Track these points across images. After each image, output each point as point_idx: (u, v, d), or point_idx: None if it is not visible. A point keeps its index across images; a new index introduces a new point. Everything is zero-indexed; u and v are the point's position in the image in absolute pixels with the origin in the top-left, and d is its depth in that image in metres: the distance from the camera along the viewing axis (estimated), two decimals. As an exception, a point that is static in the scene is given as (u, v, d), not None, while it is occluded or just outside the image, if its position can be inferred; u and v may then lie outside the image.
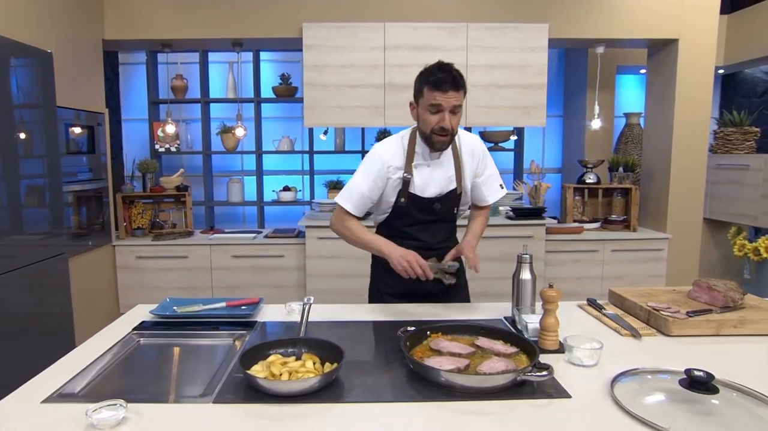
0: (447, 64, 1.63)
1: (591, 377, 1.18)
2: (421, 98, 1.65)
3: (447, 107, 1.60)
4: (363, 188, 1.71)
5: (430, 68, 1.63)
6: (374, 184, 1.71)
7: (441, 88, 1.59)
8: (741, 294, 1.54)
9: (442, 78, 1.58)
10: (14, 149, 2.39)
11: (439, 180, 1.74)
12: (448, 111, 1.60)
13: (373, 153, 1.74)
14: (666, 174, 3.73)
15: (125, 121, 4.63)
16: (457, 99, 1.61)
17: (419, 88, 1.66)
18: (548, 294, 1.32)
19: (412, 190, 1.73)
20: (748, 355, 1.33)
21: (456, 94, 1.60)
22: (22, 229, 2.47)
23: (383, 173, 1.71)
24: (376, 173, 1.71)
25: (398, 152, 1.73)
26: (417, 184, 1.72)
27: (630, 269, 3.67)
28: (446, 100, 1.59)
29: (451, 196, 1.76)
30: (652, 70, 3.92)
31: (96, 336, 1.46)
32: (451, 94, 1.60)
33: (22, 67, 2.45)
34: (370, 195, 1.72)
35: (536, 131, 4.92)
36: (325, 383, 1.13)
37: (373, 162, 1.72)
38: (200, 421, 1.01)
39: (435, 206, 1.74)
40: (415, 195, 1.73)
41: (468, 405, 1.06)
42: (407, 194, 1.72)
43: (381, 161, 1.71)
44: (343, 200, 1.73)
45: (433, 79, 1.60)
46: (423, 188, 1.73)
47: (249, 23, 3.40)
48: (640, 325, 1.51)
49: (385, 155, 1.72)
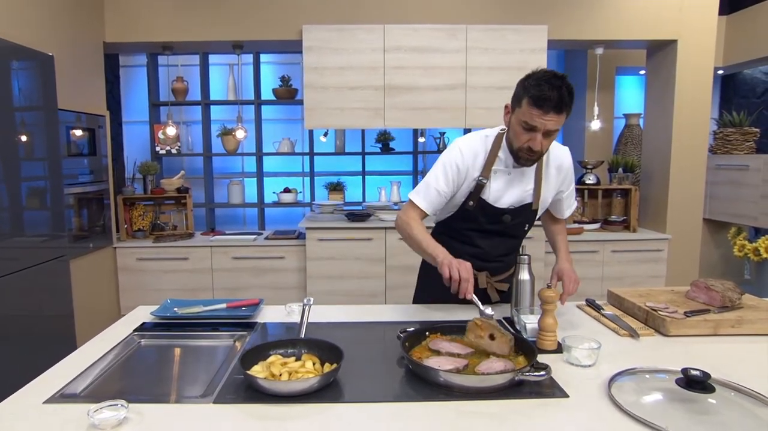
0: (560, 77, 1.41)
1: (589, 377, 1.19)
2: (518, 108, 1.46)
3: (541, 129, 1.43)
4: (440, 184, 1.60)
5: (539, 77, 1.42)
6: (452, 182, 1.61)
7: (542, 107, 1.39)
8: (739, 294, 1.54)
9: (548, 97, 1.38)
10: (15, 151, 2.41)
11: (516, 191, 1.62)
12: (542, 133, 1.44)
13: (453, 149, 1.62)
14: (665, 175, 3.74)
15: (126, 123, 4.65)
16: (557, 123, 1.43)
17: (519, 95, 1.46)
18: (546, 295, 1.33)
19: (484, 196, 1.62)
20: (745, 354, 1.33)
21: (557, 118, 1.42)
22: (24, 231, 2.48)
23: (462, 171, 1.60)
24: (455, 170, 1.60)
25: (480, 153, 1.61)
26: (492, 190, 1.61)
27: (630, 270, 3.67)
28: (543, 122, 1.41)
29: (524, 210, 1.64)
30: (652, 71, 3.93)
31: (97, 338, 1.47)
32: (550, 117, 1.41)
33: (23, 70, 2.46)
34: (447, 193, 1.62)
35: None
36: (324, 383, 1.13)
37: (452, 159, 1.60)
38: (201, 421, 1.02)
39: (504, 217, 1.64)
40: (486, 202, 1.62)
41: (466, 405, 1.07)
42: (478, 199, 1.62)
43: (462, 158, 1.60)
44: (417, 196, 1.63)
45: (536, 94, 1.40)
46: (497, 196, 1.62)
47: (249, 25, 3.42)
48: (639, 325, 1.51)
49: (467, 153, 1.60)
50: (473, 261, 1.68)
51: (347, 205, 4.24)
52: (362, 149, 4.58)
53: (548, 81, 1.40)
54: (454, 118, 3.48)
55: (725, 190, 4.44)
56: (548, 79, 1.40)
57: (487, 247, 1.70)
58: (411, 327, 1.38)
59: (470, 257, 1.67)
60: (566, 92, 1.40)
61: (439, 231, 1.79)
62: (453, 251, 1.72)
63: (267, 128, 4.54)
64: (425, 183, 1.63)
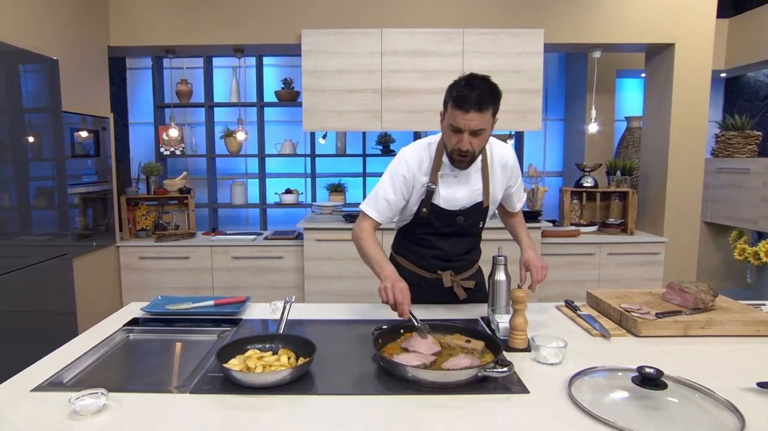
0: (480, 78, 1.45)
1: (553, 374, 1.23)
2: (446, 113, 1.51)
3: (466, 129, 1.46)
4: (389, 194, 1.65)
5: (460, 79, 1.47)
6: (400, 191, 1.65)
7: (462, 107, 1.43)
8: (712, 296, 1.57)
9: (466, 96, 1.41)
10: (21, 152, 2.50)
11: (464, 192, 1.66)
12: (468, 133, 1.47)
13: (399, 160, 1.66)
14: (663, 177, 3.74)
15: (132, 124, 4.76)
16: (481, 122, 1.45)
17: (445, 99, 1.51)
18: (516, 295, 1.37)
19: (435, 201, 1.66)
20: (709, 355, 1.36)
21: (479, 116, 1.43)
22: (28, 230, 2.57)
23: (409, 180, 1.64)
24: (402, 180, 1.64)
25: (424, 160, 1.64)
26: (442, 195, 1.65)
27: (626, 273, 3.68)
28: (466, 123, 1.45)
29: (476, 209, 1.69)
30: (650, 74, 3.93)
31: (89, 331, 1.54)
32: (472, 116, 1.43)
33: (29, 74, 2.56)
34: (396, 202, 1.66)
35: (537, 135, 4.95)
36: (296, 375, 1.19)
37: (398, 169, 1.64)
38: (176, 409, 1.08)
39: (458, 218, 1.68)
40: (438, 207, 1.66)
41: (430, 399, 1.12)
42: (430, 205, 1.66)
43: (407, 167, 1.63)
44: (368, 207, 1.67)
45: (456, 95, 1.44)
46: (447, 200, 1.66)
47: (249, 30, 3.49)
48: (613, 326, 1.55)
49: (411, 161, 1.64)
50: (437, 262, 1.74)
51: (347, 206, 4.30)
52: (363, 151, 4.64)
53: (468, 82, 1.44)
54: (451, 121, 3.51)
55: (726, 193, 4.43)
56: (468, 80, 1.45)
57: (446, 248, 1.75)
58: (386, 326, 1.43)
59: (433, 258, 1.74)
60: (486, 91, 1.43)
61: (401, 237, 1.85)
62: (416, 254, 1.78)
63: (270, 130, 4.62)
64: (375, 194, 1.67)
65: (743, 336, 1.47)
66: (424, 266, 1.78)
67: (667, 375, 1.09)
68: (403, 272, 1.81)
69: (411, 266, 1.80)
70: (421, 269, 1.78)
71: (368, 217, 1.67)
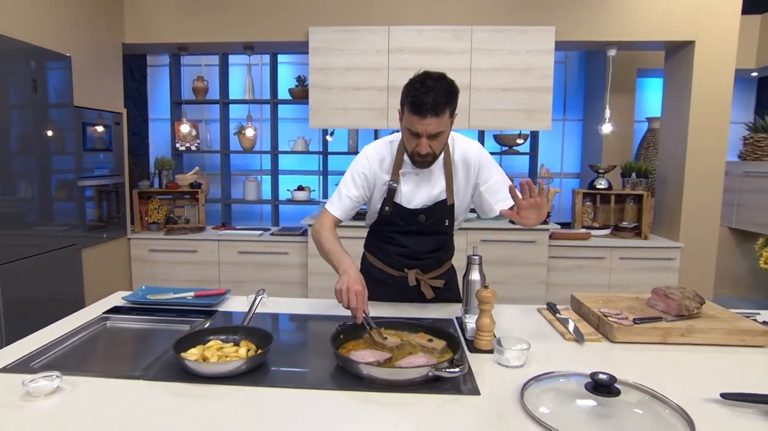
0: (434, 77, 1.41)
1: (511, 378, 1.19)
2: (403, 115, 1.49)
3: (424, 135, 1.44)
4: (351, 192, 1.64)
5: (414, 81, 1.43)
6: (361, 188, 1.64)
7: (419, 112, 1.40)
8: (698, 303, 1.50)
9: (422, 102, 1.38)
10: (31, 146, 2.61)
11: (426, 191, 1.64)
12: (426, 137, 1.45)
13: (360, 157, 1.67)
14: (680, 181, 3.60)
15: (152, 120, 4.89)
16: (438, 125, 1.42)
17: (402, 101, 1.48)
18: (482, 295, 1.34)
19: (397, 199, 1.64)
20: (683, 363, 1.30)
21: (436, 121, 1.41)
22: (39, 220, 2.68)
23: (370, 177, 1.64)
24: (363, 177, 1.64)
25: (386, 157, 1.64)
26: (403, 193, 1.64)
27: (638, 278, 3.56)
28: (423, 128, 1.42)
29: (439, 208, 1.65)
30: (669, 73, 3.79)
31: (69, 317, 1.59)
32: (429, 121, 1.40)
33: (41, 70, 2.66)
34: (358, 198, 1.66)
35: (555, 135, 4.84)
36: (250, 367, 1.19)
37: (359, 167, 1.65)
38: (127, 395, 1.10)
39: (419, 217, 1.65)
40: (400, 205, 1.65)
41: (382, 396, 1.10)
42: (392, 203, 1.65)
43: (368, 164, 1.64)
44: (330, 204, 1.67)
45: (411, 100, 1.41)
46: (409, 198, 1.64)
47: (259, 27, 3.54)
48: (591, 331, 1.50)
49: (372, 159, 1.64)
50: (403, 260, 1.72)
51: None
52: (374, 149, 4.62)
53: (423, 84, 1.39)
54: (458, 119, 3.44)
55: (754, 198, 4.23)
56: (423, 81, 1.40)
57: (412, 245, 1.72)
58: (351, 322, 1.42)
59: (399, 256, 1.72)
60: (442, 93, 1.38)
61: (370, 235, 1.84)
62: (383, 252, 1.77)
63: (284, 127, 4.67)
64: (338, 192, 1.67)
65: (726, 346, 1.39)
66: (391, 263, 1.76)
67: (624, 381, 1.05)
68: (373, 270, 1.80)
69: (379, 264, 1.79)
70: (389, 266, 1.77)
71: (329, 213, 1.66)
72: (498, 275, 3.48)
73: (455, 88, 1.45)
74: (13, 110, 2.49)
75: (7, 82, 2.44)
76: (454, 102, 1.45)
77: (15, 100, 2.49)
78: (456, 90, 1.46)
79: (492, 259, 3.47)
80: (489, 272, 3.41)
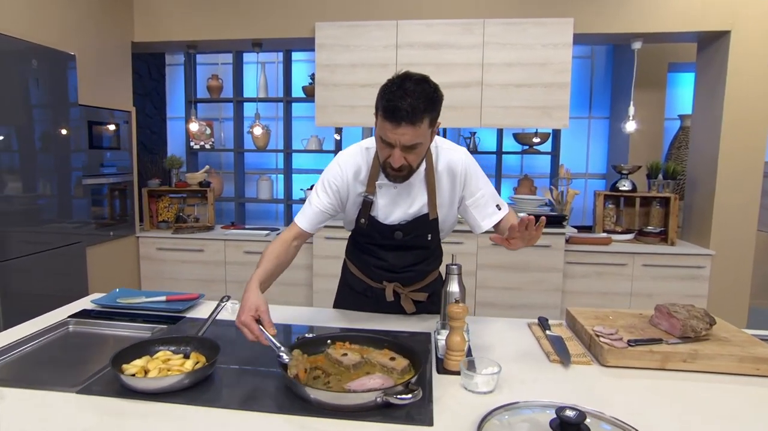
0: (415, 80, 1.25)
1: (476, 405, 1.06)
2: (377, 120, 1.31)
3: (397, 145, 1.28)
4: (322, 202, 1.48)
5: (392, 83, 1.26)
6: (333, 198, 1.48)
7: (392, 119, 1.24)
8: (706, 324, 1.31)
9: (397, 107, 1.22)
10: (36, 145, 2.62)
11: (405, 205, 1.48)
12: (399, 148, 1.28)
13: (333, 165, 1.50)
14: (712, 182, 3.32)
15: (170, 119, 4.92)
16: (415, 136, 1.25)
17: (376, 105, 1.30)
18: (452, 310, 1.21)
19: (373, 213, 1.50)
20: (681, 395, 1.13)
21: (412, 130, 1.24)
22: (43, 217, 2.70)
23: (342, 189, 1.48)
24: (335, 189, 1.48)
25: (362, 167, 1.47)
26: (379, 207, 1.48)
27: (664, 287, 3.31)
28: (396, 137, 1.26)
29: (420, 222, 1.49)
30: (701, 66, 3.51)
31: (34, 320, 1.55)
32: (404, 130, 1.24)
33: (44, 69, 2.66)
34: (330, 208, 1.49)
35: (581, 134, 4.60)
36: (194, 381, 1.11)
37: (330, 176, 1.48)
38: (54, 408, 1.03)
39: (396, 233, 1.50)
40: (376, 220, 1.50)
41: (325, 423, 0.99)
42: (368, 216, 1.50)
43: (341, 174, 1.47)
44: (299, 216, 1.50)
45: (385, 104, 1.24)
46: (386, 213, 1.49)
47: (266, 24, 3.48)
48: (581, 352, 1.34)
49: (346, 168, 1.47)
50: (382, 273, 1.59)
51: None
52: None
53: (400, 87, 1.23)
54: (468, 117, 3.32)
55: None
56: (401, 84, 1.23)
57: (391, 259, 1.57)
58: (311, 334, 1.32)
59: (377, 268, 1.60)
60: (421, 99, 1.22)
61: (350, 242, 1.71)
62: (362, 262, 1.65)
63: (298, 125, 4.61)
64: (308, 202, 1.51)
65: (738, 375, 1.21)
66: (369, 275, 1.64)
67: (600, 416, 0.91)
68: (352, 279, 1.69)
69: (359, 274, 1.67)
70: (368, 278, 1.65)
71: (295, 226, 1.49)
72: (510, 281, 3.31)
73: (438, 94, 1.28)
74: (15, 109, 2.50)
75: (9, 81, 2.45)
76: (436, 110, 1.28)
77: (17, 100, 2.51)
78: (439, 96, 1.29)
79: (503, 263, 3.29)
80: (500, 277, 3.28)
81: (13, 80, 2.48)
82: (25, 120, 2.57)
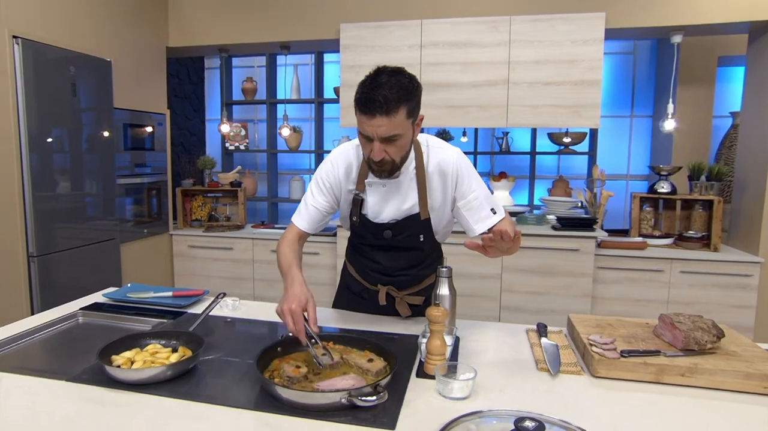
0: (388, 72, 1.25)
1: (442, 412, 1.03)
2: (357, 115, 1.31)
3: (375, 138, 1.26)
4: (317, 201, 1.49)
5: (366, 78, 1.26)
6: (328, 195, 1.49)
7: (366, 111, 1.24)
8: (713, 336, 1.22)
9: (369, 98, 1.22)
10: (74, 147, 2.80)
11: (394, 204, 1.46)
12: (378, 141, 1.27)
13: (325, 163, 1.51)
14: (762, 184, 3.08)
15: (209, 121, 5.11)
16: (391, 127, 1.23)
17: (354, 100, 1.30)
18: (432, 314, 1.18)
19: (364, 211, 1.49)
20: (673, 412, 1.05)
21: (388, 121, 1.22)
22: (79, 216, 2.88)
23: (335, 186, 1.49)
24: (328, 186, 1.49)
25: (353, 164, 1.47)
26: (369, 205, 1.47)
27: (705, 296, 3.10)
28: (373, 129, 1.25)
29: (411, 222, 1.47)
30: (752, 59, 3.27)
31: (47, 312, 1.64)
32: (379, 121, 1.22)
33: (83, 75, 2.84)
34: (326, 207, 1.50)
35: (622, 134, 4.40)
36: (175, 374, 1.14)
37: (323, 174, 1.49)
38: (42, 395, 1.09)
39: (386, 233, 1.49)
40: (366, 218, 1.49)
41: (291, 421, 1.00)
42: (360, 215, 1.49)
43: (332, 171, 1.48)
44: (296, 216, 1.52)
45: (359, 97, 1.25)
46: (376, 211, 1.48)
47: (293, 27, 3.54)
48: (574, 361, 1.27)
49: (338, 165, 1.48)
50: (377, 275, 1.58)
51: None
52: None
53: (374, 79, 1.23)
54: (495, 116, 3.24)
55: None
56: (374, 77, 1.23)
57: (383, 261, 1.55)
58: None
59: (371, 270, 1.58)
60: (394, 89, 1.20)
61: (349, 245, 1.71)
62: (359, 264, 1.63)
63: (329, 126, 4.67)
64: (304, 201, 1.51)
65: (742, 393, 1.12)
66: (365, 277, 1.63)
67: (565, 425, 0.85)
68: (351, 280, 1.69)
69: (357, 276, 1.67)
70: (364, 280, 1.64)
71: (293, 226, 1.51)
72: (536, 286, 3.20)
73: (414, 84, 1.27)
74: (53, 114, 2.67)
75: (47, 87, 2.62)
76: (413, 100, 1.26)
77: (55, 105, 2.68)
78: (415, 86, 1.28)
79: (530, 267, 3.19)
80: (526, 281, 3.18)
81: (57, 86, 2.67)
82: (63, 123, 2.74)
